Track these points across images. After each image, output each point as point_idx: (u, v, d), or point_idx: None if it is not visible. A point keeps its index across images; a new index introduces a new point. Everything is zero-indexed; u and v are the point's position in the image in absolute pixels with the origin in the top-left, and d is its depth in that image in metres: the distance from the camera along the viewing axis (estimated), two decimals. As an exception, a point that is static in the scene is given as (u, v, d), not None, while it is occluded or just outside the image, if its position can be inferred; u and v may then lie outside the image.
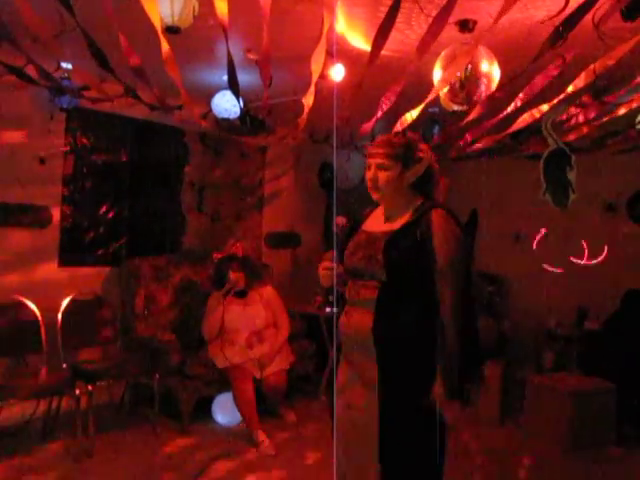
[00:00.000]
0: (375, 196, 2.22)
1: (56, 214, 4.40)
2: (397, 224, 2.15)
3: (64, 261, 4.47)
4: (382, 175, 2.17)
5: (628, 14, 2.28)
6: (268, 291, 4.62)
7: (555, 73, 2.57)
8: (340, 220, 2.49)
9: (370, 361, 2.11)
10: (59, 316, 4.11)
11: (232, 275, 4.41)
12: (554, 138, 2.16)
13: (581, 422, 4.15)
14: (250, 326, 4.38)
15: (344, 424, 2.22)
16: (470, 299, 2.11)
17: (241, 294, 4.45)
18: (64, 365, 3.98)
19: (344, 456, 2.25)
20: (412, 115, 3.31)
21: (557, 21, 2.16)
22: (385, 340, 2.08)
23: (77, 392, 3.64)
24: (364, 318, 2.12)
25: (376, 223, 2.28)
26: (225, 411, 4.28)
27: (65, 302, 4.19)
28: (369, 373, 2.12)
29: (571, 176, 2.13)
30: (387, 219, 2.23)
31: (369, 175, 2.20)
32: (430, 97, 3.00)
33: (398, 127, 3.51)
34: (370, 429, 2.09)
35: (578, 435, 4.14)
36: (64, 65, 3.34)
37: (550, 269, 4.69)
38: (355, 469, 2.21)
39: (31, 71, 3.09)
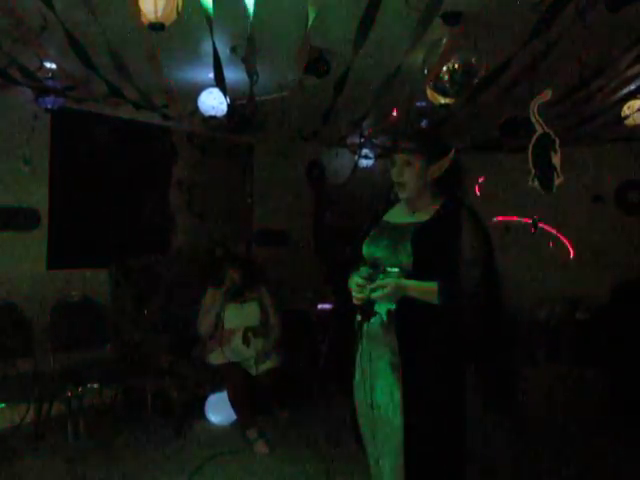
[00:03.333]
0: (402, 194, 2.23)
1: (44, 216, 4.36)
2: (424, 217, 2.19)
3: (53, 263, 4.43)
4: (407, 170, 2.20)
5: (611, 5, 2.29)
6: (263, 291, 4.63)
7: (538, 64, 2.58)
8: (330, 215, 2.50)
9: (392, 353, 2.15)
10: (48, 319, 4.07)
11: (232, 273, 4.42)
12: (540, 124, 2.17)
13: (573, 411, 4.17)
14: (245, 324, 4.39)
15: (365, 417, 2.27)
16: (499, 291, 2.17)
17: (238, 292, 4.46)
18: (54, 368, 3.94)
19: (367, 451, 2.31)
20: (399, 110, 3.31)
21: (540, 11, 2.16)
22: (410, 331, 2.12)
23: (68, 395, 3.60)
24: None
25: (400, 215, 2.30)
26: (218, 411, 4.27)
27: (54, 304, 4.15)
28: (391, 365, 2.16)
29: (556, 160, 2.15)
30: (412, 213, 2.25)
31: (395, 172, 2.22)
32: (418, 91, 3.00)
33: (386, 122, 3.52)
34: (393, 423, 2.13)
35: (570, 424, 4.16)
36: (48, 65, 3.31)
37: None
38: (377, 463, 2.26)
39: (14, 72, 3.07)
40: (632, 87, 3.28)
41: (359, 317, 2.23)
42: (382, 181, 2.98)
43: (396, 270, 2.15)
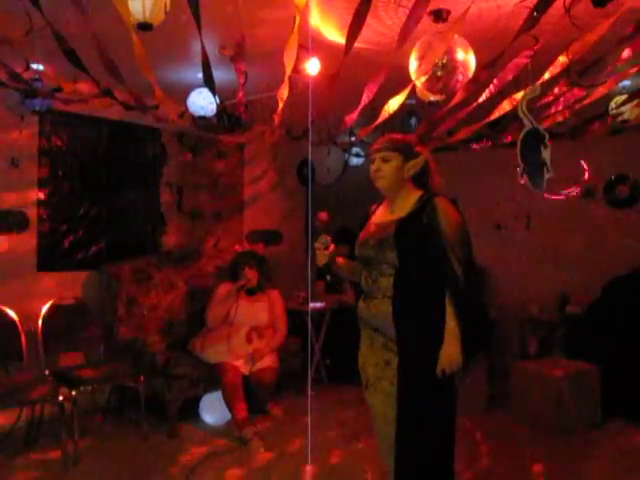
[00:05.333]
0: (379, 184, 2.46)
1: (33, 218, 4.33)
2: (404, 212, 2.39)
3: (43, 266, 4.40)
4: (385, 166, 2.43)
5: (598, 0, 2.30)
6: (275, 294, 4.68)
7: (527, 60, 2.59)
8: (323, 215, 2.70)
9: (391, 343, 2.35)
10: (39, 322, 4.05)
11: (248, 272, 4.48)
12: (529, 119, 2.19)
13: (566, 405, 4.20)
14: (253, 323, 4.45)
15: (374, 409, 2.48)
16: (474, 273, 2.33)
17: (250, 292, 4.51)
18: (46, 371, 3.92)
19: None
20: (393, 106, 3.31)
21: (530, 6, 2.16)
22: (405, 323, 2.30)
23: (60, 398, 3.58)
24: (382, 304, 2.36)
25: (383, 215, 2.51)
26: (212, 410, 4.27)
27: (45, 307, 4.13)
28: (390, 354, 2.36)
29: (545, 155, 2.17)
30: (393, 211, 2.46)
31: (374, 167, 2.46)
32: (408, 88, 3.00)
33: (380, 120, 3.52)
34: (390, 411, 2.33)
35: (563, 418, 4.19)
36: (34, 66, 3.28)
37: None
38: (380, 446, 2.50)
39: (0, 73, 3.04)
40: (620, 83, 3.30)
41: (328, 278, 2.64)
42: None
43: (385, 266, 2.37)
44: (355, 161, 5.67)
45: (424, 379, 2.27)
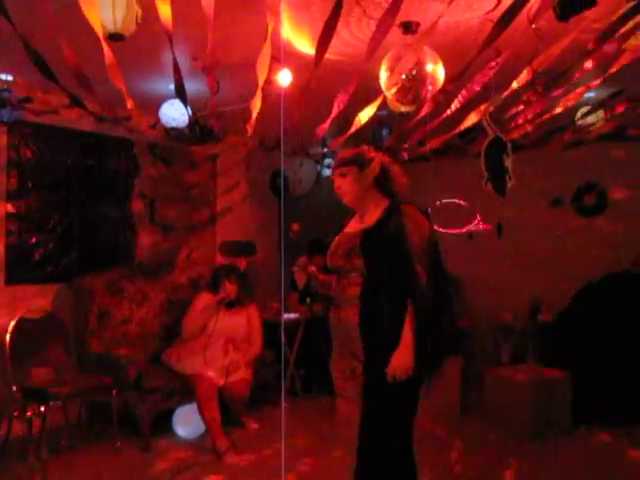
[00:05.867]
0: (344, 200, 2.52)
1: (1, 231, 4.25)
2: (371, 221, 2.43)
3: (11, 279, 4.32)
4: (344, 181, 2.49)
5: (561, 14, 2.36)
6: (252, 308, 4.69)
7: (493, 71, 2.65)
8: (295, 226, 2.79)
9: (359, 352, 2.39)
10: (7, 336, 3.96)
11: (228, 286, 4.45)
12: (492, 128, 2.24)
13: (538, 411, 4.26)
14: (229, 335, 4.45)
15: (338, 414, 2.58)
16: (445, 281, 2.40)
17: (230, 305, 4.49)
18: (14, 387, 3.83)
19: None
20: (363, 118, 3.34)
21: (494, 19, 2.22)
22: (370, 331, 2.34)
23: (29, 414, 3.50)
24: (350, 313, 2.40)
25: (353, 225, 2.57)
26: (186, 424, 4.22)
27: (13, 322, 4.04)
28: (356, 362, 2.40)
29: (508, 163, 2.23)
30: (361, 220, 2.51)
31: (336, 185, 2.53)
32: (379, 99, 3.04)
33: (351, 130, 3.55)
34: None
35: (536, 423, 4.25)
36: (3, 77, 3.25)
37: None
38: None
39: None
40: (585, 94, 3.39)
41: (308, 300, 2.73)
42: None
43: (353, 275, 2.41)
44: (328, 172, 5.70)
45: (381, 385, 2.29)
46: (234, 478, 3.60)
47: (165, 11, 2.23)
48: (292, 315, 5.36)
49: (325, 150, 5.12)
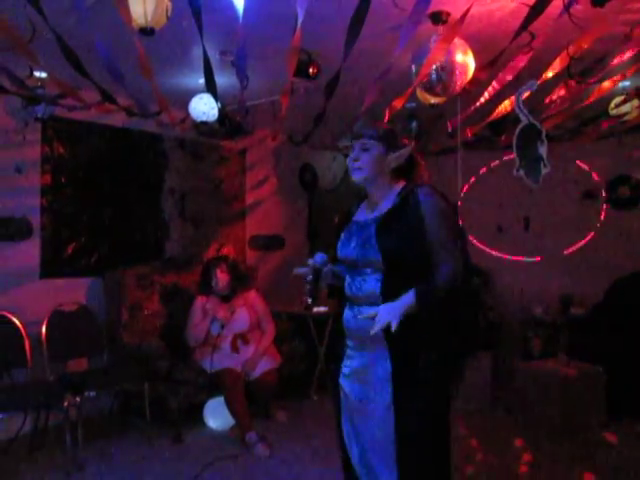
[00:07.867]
0: (355, 175, 2.16)
1: (36, 225, 4.34)
2: (385, 208, 2.13)
3: (46, 273, 4.41)
4: (365, 155, 2.14)
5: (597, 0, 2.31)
6: (252, 295, 4.61)
7: (527, 57, 2.60)
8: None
9: (381, 354, 2.10)
10: (43, 328, 4.06)
11: (219, 273, 4.40)
12: (525, 114, 2.19)
13: (570, 407, 4.19)
14: (234, 330, 4.37)
15: (356, 417, 2.24)
16: (470, 271, 2.13)
17: (225, 299, 4.44)
18: (51, 377, 3.93)
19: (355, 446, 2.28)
20: (394, 109, 3.32)
21: (529, 4, 2.18)
22: (397, 333, 1.98)
23: (65, 404, 3.58)
24: (369, 312, 2.06)
25: (364, 213, 2.25)
26: (216, 416, 4.26)
27: (49, 314, 4.13)
28: (380, 366, 2.12)
29: (542, 150, 2.15)
30: (374, 207, 2.19)
31: (353, 156, 2.16)
32: (409, 90, 3.02)
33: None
34: (384, 424, 2.10)
35: (568, 419, 4.18)
36: (37, 74, 3.31)
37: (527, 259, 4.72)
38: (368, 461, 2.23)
39: (3, 80, 3.06)
40: (620, 83, 3.32)
41: (309, 300, 2.34)
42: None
43: (369, 270, 2.12)
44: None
45: (423, 395, 2.05)
46: (264, 470, 3.62)
47: (196, 4, 2.25)
48: (322, 308, 5.35)
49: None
